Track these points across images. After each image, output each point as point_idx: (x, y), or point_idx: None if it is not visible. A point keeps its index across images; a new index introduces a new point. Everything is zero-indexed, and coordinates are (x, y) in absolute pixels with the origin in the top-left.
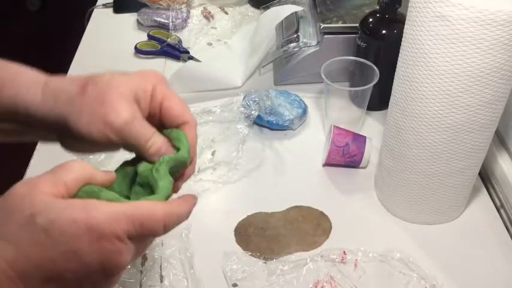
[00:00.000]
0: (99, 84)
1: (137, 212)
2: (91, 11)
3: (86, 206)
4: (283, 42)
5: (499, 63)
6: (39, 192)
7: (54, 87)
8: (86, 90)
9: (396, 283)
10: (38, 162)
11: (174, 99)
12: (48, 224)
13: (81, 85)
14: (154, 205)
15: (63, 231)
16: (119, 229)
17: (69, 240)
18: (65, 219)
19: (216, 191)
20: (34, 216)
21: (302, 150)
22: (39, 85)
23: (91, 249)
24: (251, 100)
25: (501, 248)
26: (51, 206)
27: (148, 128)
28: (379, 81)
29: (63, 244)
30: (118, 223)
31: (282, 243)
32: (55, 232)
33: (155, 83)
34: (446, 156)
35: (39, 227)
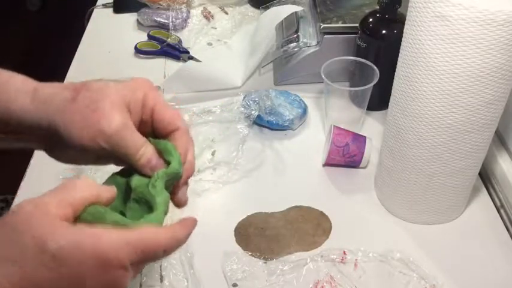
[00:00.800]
0: (91, 91)
1: (142, 241)
2: (91, 11)
3: (93, 235)
4: (283, 42)
5: (499, 63)
6: (48, 214)
7: (44, 93)
8: (77, 97)
9: (396, 283)
10: (38, 162)
11: (165, 107)
12: (57, 249)
13: (72, 92)
14: (158, 233)
15: (70, 258)
16: (123, 258)
17: (76, 267)
18: (73, 247)
19: (216, 191)
20: (43, 241)
21: (302, 150)
22: (29, 91)
23: (96, 277)
24: (251, 100)
25: (501, 248)
26: (60, 232)
27: (139, 138)
28: (379, 81)
29: (69, 270)
30: (123, 252)
31: (282, 243)
32: (62, 258)
33: (146, 90)
34: (446, 156)
35: (47, 251)
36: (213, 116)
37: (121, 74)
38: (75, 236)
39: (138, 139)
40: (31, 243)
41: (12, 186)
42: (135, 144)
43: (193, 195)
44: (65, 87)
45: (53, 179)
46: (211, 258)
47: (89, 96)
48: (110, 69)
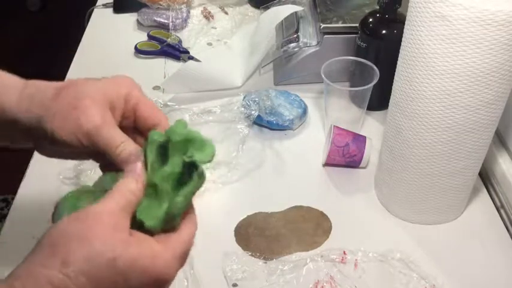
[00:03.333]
0: (73, 89)
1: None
2: (91, 11)
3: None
4: (283, 42)
5: (499, 63)
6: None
7: (30, 90)
8: (60, 94)
9: (396, 283)
10: (38, 162)
11: (149, 105)
12: (126, 269)
13: (56, 89)
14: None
15: (136, 277)
16: (175, 273)
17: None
18: (138, 268)
19: (216, 191)
20: (115, 260)
21: (302, 150)
22: (17, 88)
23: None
24: (251, 100)
25: (501, 248)
26: (128, 251)
27: (119, 134)
28: (379, 81)
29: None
30: (175, 268)
31: (282, 243)
32: (130, 276)
33: (129, 89)
34: (446, 156)
35: (118, 270)
36: (213, 116)
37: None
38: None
39: (117, 135)
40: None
41: (12, 186)
42: (114, 140)
43: None
44: (49, 85)
45: (53, 179)
46: (211, 258)
47: (71, 93)
48: (110, 69)
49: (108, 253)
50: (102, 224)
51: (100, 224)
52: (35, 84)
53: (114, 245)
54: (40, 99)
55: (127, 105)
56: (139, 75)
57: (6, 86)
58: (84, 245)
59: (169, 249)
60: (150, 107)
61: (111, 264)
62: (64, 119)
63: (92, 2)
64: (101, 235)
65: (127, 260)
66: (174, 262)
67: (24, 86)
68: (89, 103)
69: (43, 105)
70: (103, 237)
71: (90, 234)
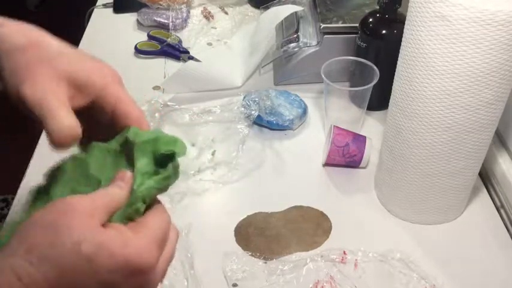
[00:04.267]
0: (43, 52)
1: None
2: (91, 11)
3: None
4: (283, 42)
5: (499, 63)
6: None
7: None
8: (27, 51)
9: (396, 283)
10: (38, 162)
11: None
12: (91, 254)
13: (27, 43)
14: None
15: (103, 263)
16: (152, 261)
17: (108, 272)
18: (105, 252)
19: (216, 191)
20: (80, 244)
21: (302, 150)
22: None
23: (127, 281)
24: (251, 100)
25: (501, 248)
26: (96, 237)
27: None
28: (379, 81)
29: (102, 274)
30: (152, 255)
31: (282, 243)
32: (96, 262)
33: (109, 80)
34: (446, 156)
35: (83, 255)
36: (213, 116)
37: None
38: (108, 243)
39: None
40: (70, 247)
41: (12, 186)
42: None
43: (193, 195)
44: (24, 34)
45: None
46: (211, 258)
47: (36, 55)
48: None
49: (73, 238)
50: (72, 212)
51: (70, 212)
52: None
53: (80, 230)
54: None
55: (105, 97)
56: (139, 75)
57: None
58: (49, 231)
59: (141, 234)
60: (132, 106)
61: (75, 249)
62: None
63: (92, 2)
64: (67, 221)
65: (92, 244)
66: (147, 247)
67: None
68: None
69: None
70: (70, 223)
71: (58, 221)
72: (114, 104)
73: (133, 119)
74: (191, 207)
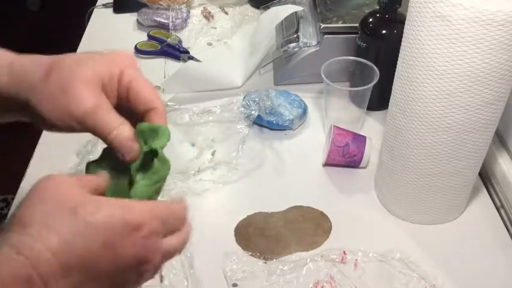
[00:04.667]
0: (63, 70)
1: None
2: (91, 11)
3: (122, 203)
4: (283, 42)
5: (499, 63)
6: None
7: (19, 69)
8: (49, 77)
9: (396, 283)
10: (38, 162)
11: (143, 84)
12: (89, 216)
13: (45, 70)
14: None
15: (102, 224)
16: (152, 226)
17: (107, 232)
18: (104, 213)
19: (216, 191)
20: (76, 209)
21: (302, 150)
22: (4, 66)
23: (127, 242)
24: (251, 100)
25: (501, 248)
26: (91, 200)
27: (112, 119)
28: (379, 81)
29: (102, 236)
30: (152, 222)
31: (282, 243)
32: (95, 224)
33: (123, 67)
34: (447, 156)
35: (80, 218)
36: (213, 116)
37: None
38: (104, 204)
39: (110, 120)
40: (67, 213)
41: (12, 186)
42: (107, 126)
43: (193, 195)
44: (38, 64)
45: None
46: (211, 258)
47: (61, 75)
48: None
49: (67, 203)
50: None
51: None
52: (24, 60)
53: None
54: (29, 80)
55: (120, 86)
56: None
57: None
58: (42, 203)
59: (144, 203)
60: (145, 88)
61: (73, 213)
62: (54, 103)
63: (92, 2)
64: (58, 191)
65: (89, 206)
66: (148, 214)
67: (11, 63)
68: (79, 86)
69: (33, 87)
70: (61, 192)
71: (48, 192)
72: (129, 84)
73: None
74: (191, 207)
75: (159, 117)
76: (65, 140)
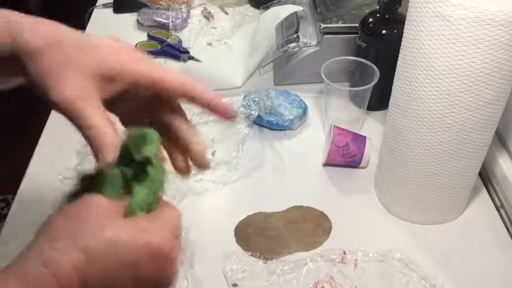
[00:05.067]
0: (60, 50)
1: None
2: (91, 11)
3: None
4: (283, 42)
5: (499, 63)
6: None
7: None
8: (46, 53)
9: (396, 283)
10: (38, 162)
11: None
12: (114, 236)
13: (46, 43)
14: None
15: (125, 245)
16: (169, 243)
17: (130, 253)
18: (126, 235)
19: (216, 191)
20: (103, 228)
21: (302, 150)
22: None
23: (149, 263)
24: (251, 100)
25: (501, 248)
26: (117, 222)
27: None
28: (379, 81)
29: (125, 257)
30: (167, 236)
31: (282, 243)
32: (119, 245)
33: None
34: (447, 156)
35: (106, 238)
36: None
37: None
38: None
39: (90, 114)
40: (94, 232)
41: (12, 186)
42: (85, 120)
43: (193, 195)
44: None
45: (53, 179)
46: (211, 258)
47: (55, 56)
48: None
49: (96, 223)
50: (92, 205)
51: (90, 205)
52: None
53: (101, 215)
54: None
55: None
56: None
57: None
58: (71, 220)
59: (156, 223)
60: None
61: (99, 232)
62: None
63: (92, 2)
64: (87, 211)
65: (112, 229)
66: (166, 233)
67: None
68: (67, 73)
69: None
70: (89, 213)
71: (80, 212)
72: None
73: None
74: (191, 207)
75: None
76: (65, 140)
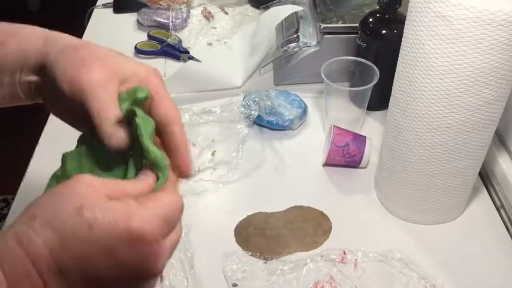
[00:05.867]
0: (93, 52)
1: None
2: (91, 11)
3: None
4: (283, 42)
5: (499, 63)
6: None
7: (54, 37)
8: (79, 50)
9: (396, 283)
10: (38, 162)
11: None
12: (93, 219)
13: (78, 43)
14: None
15: (104, 230)
16: (156, 230)
17: (109, 239)
18: (107, 218)
19: (216, 191)
20: (82, 209)
21: (302, 150)
22: (40, 36)
23: (129, 251)
24: (251, 100)
25: (501, 248)
26: (99, 204)
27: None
28: (379, 81)
29: (103, 242)
30: (154, 224)
31: (282, 243)
32: (97, 229)
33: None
34: (447, 156)
35: (84, 220)
36: (213, 116)
37: None
38: (109, 210)
39: (110, 101)
40: (72, 212)
41: (12, 186)
42: (105, 104)
43: (193, 195)
44: (73, 38)
45: None
46: (211, 258)
47: (89, 53)
48: None
49: (75, 202)
50: (79, 182)
51: (78, 182)
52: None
53: (84, 195)
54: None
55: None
56: None
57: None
58: (54, 198)
59: (147, 206)
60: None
61: (77, 213)
62: (69, 67)
63: (92, 2)
64: (72, 189)
65: (93, 210)
66: (152, 219)
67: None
68: (98, 64)
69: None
70: (74, 191)
71: (64, 189)
72: (153, 95)
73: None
74: (191, 207)
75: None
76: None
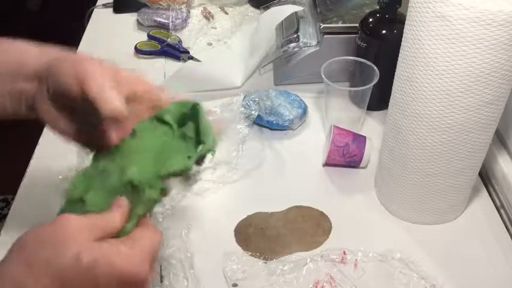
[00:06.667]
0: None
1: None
2: (91, 11)
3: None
4: (283, 42)
5: (499, 63)
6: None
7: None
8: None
9: (396, 283)
10: (38, 162)
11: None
12: (92, 263)
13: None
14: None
15: (102, 272)
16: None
17: (106, 280)
18: (104, 261)
19: (216, 191)
20: (79, 255)
21: (302, 150)
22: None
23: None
24: (251, 100)
25: (501, 248)
26: (94, 247)
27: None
28: (379, 81)
29: (101, 283)
30: (145, 266)
31: (282, 243)
32: (96, 271)
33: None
34: (447, 156)
35: (83, 265)
36: (213, 116)
37: None
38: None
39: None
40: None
41: (12, 186)
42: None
43: (193, 195)
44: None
45: (53, 179)
46: (211, 258)
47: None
48: None
49: (72, 250)
50: (69, 227)
51: (67, 227)
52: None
53: (77, 242)
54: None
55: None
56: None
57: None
58: (48, 245)
59: (136, 250)
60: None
61: (75, 260)
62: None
63: (92, 2)
64: (64, 235)
65: (90, 255)
66: (142, 262)
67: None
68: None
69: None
70: (67, 237)
71: (56, 236)
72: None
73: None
74: (191, 207)
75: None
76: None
